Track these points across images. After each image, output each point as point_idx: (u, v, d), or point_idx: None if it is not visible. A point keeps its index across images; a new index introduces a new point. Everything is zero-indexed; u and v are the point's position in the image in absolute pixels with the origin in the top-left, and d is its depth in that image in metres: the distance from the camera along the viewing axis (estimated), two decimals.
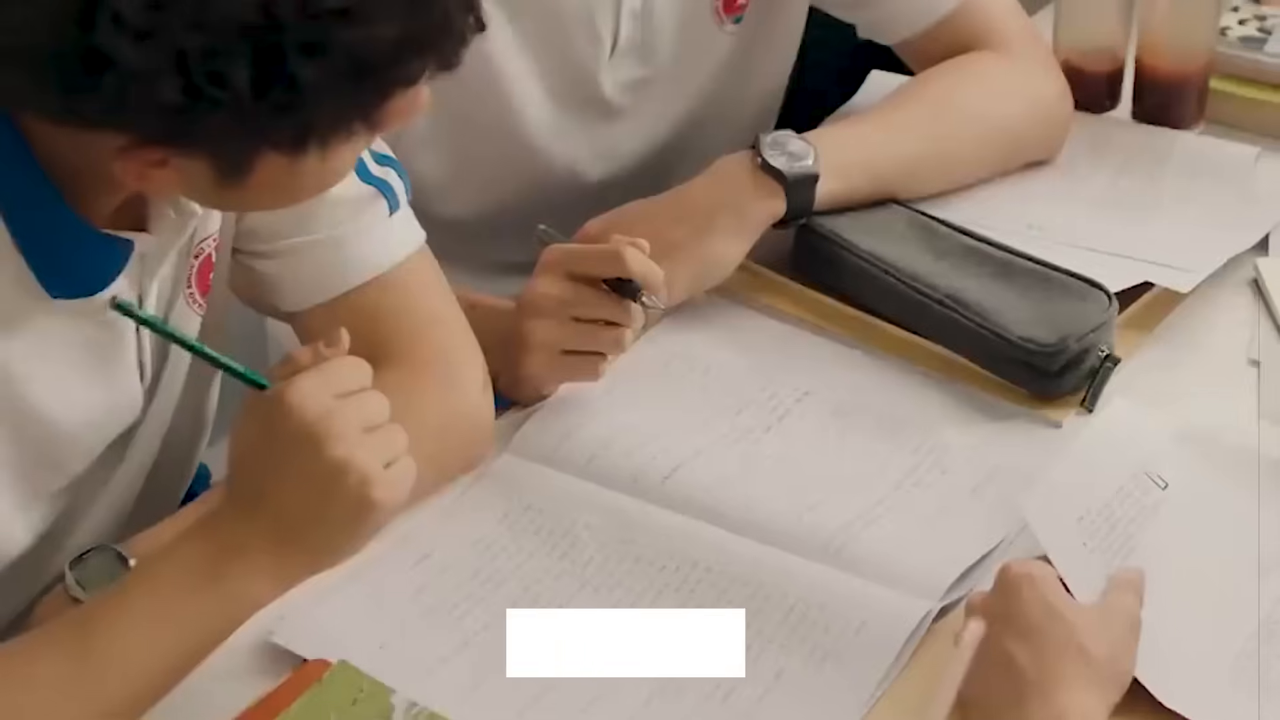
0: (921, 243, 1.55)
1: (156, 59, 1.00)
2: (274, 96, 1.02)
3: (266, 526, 1.18)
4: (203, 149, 1.08)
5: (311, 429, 1.15)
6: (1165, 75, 1.80)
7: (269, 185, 1.11)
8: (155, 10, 0.98)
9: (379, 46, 1.03)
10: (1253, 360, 1.50)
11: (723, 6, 1.68)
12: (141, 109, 1.02)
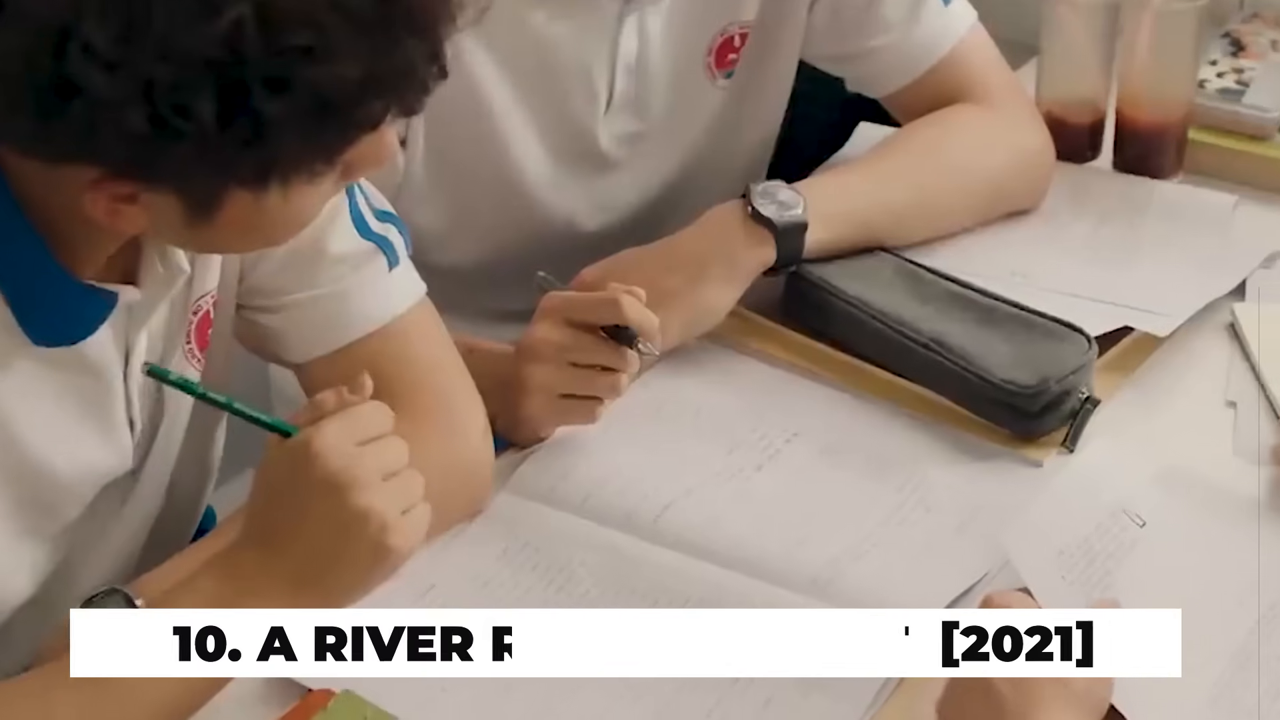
0: (907, 289, 1.59)
1: (124, 88, 1.02)
2: (238, 130, 1.04)
3: (286, 568, 1.22)
4: (170, 183, 1.10)
5: (336, 477, 1.20)
6: (1145, 126, 1.83)
7: (237, 224, 1.14)
8: (124, 42, 1.01)
9: (342, 86, 1.06)
10: (1229, 402, 1.54)
11: (714, 62, 1.72)
12: (109, 138, 1.04)
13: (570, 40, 1.62)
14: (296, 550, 1.23)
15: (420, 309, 1.43)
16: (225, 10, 1.00)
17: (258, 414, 1.26)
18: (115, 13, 1.01)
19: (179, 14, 1.01)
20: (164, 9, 1.00)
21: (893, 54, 1.73)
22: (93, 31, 1.00)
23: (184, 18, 1.01)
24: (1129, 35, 1.79)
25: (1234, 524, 1.38)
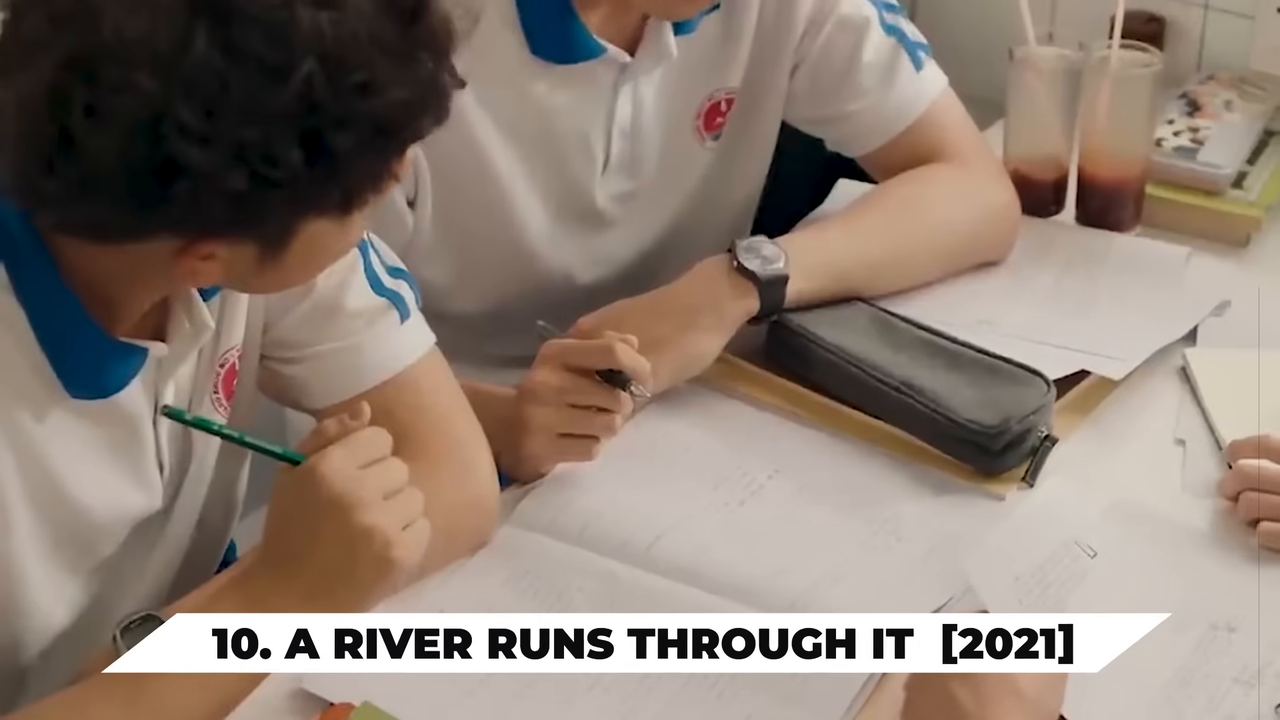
0: (881, 336, 1.67)
1: (221, 156, 1.12)
2: (320, 168, 1.15)
3: (299, 585, 1.32)
4: (253, 231, 1.20)
5: (341, 498, 1.30)
6: (1105, 183, 1.91)
7: (301, 256, 1.24)
8: (212, 116, 1.11)
9: (393, 110, 1.18)
10: (1179, 440, 1.62)
11: (703, 125, 1.80)
12: (210, 203, 1.14)
13: (570, 108, 1.70)
14: (308, 568, 1.33)
15: (430, 358, 1.51)
16: (293, 69, 1.12)
17: (268, 445, 1.36)
18: (199, 92, 1.10)
19: (254, 80, 1.11)
20: (239, 79, 1.11)
21: (869, 117, 1.81)
22: (183, 113, 1.10)
23: (259, 82, 1.11)
24: (1089, 98, 1.88)
25: (1180, 554, 1.48)
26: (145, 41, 1.11)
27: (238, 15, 1.11)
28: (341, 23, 1.13)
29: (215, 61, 1.11)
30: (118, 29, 1.11)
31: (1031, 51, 1.89)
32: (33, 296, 1.25)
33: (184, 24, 1.11)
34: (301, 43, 1.11)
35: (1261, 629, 1.38)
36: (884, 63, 1.79)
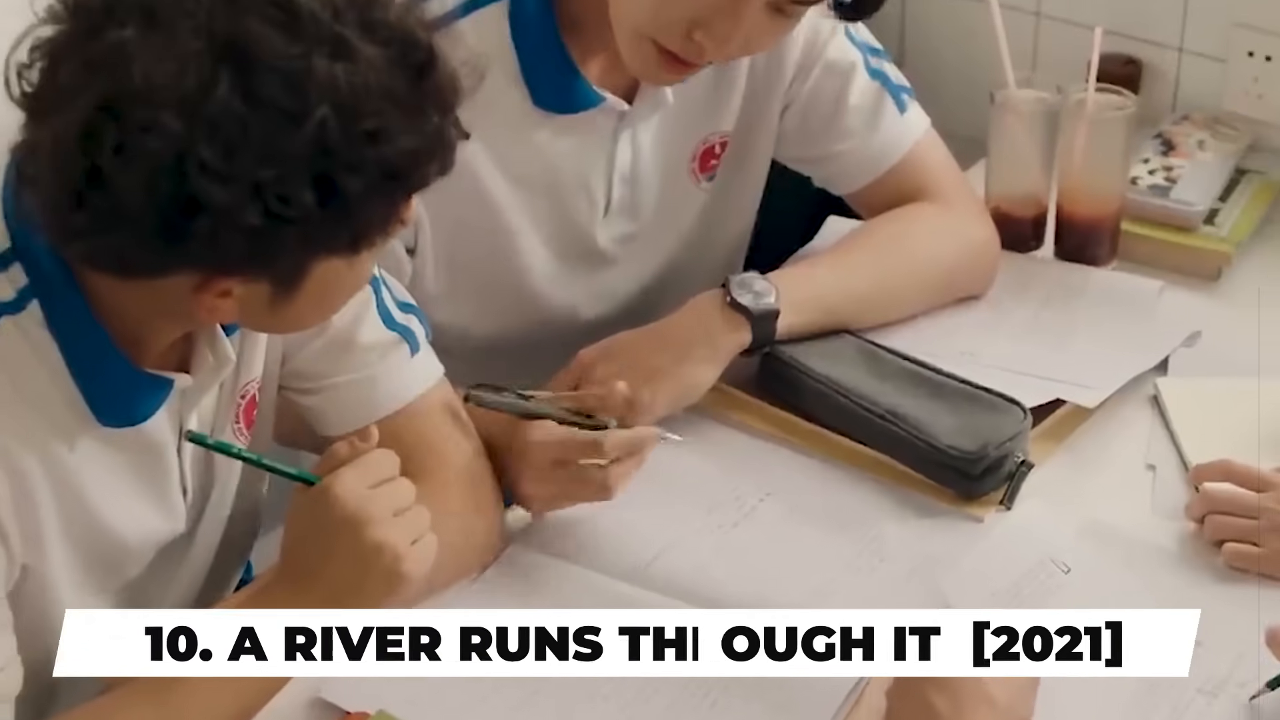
0: (867, 367, 1.74)
1: (239, 194, 1.19)
2: (331, 208, 1.22)
3: (314, 597, 1.40)
4: (267, 269, 1.26)
5: (353, 516, 1.38)
6: (1082, 220, 1.97)
7: (313, 296, 1.31)
8: (232, 155, 1.18)
9: (401, 158, 1.24)
10: (1149, 465, 1.70)
11: (698, 168, 1.86)
12: (228, 239, 1.20)
13: (571, 155, 1.76)
14: (323, 581, 1.40)
15: (438, 388, 1.59)
16: (308, 114, 1.18)
17: (284, 467, 1.43)
18: (220, 134, 1.17)
19: (271, 124, 1.18)
20: (258, 122, 1.18)
21: (855, 157, 1.87)
22: (205, 153, 1.17)
23: (276, 126, 1.18)
24: (1067, 139, 1.94)
25: (1149, 572, 1.55)
26: (172, 85, 1.17)
27: (259, 64, 1.18)
28: (355, 74, 1.20)
29: (236, 106, 1.17)
30: (147, 74, 1.17)
31: (1012, 94, 1.95)
32: (65, 331, 1.32)
33: (209, 70, 1.18)
34: (317, 91, 1.18)
35: (1225, 643, 1.46)
36: (869, 105, 1.85)
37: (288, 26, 1.19)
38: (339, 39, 1.20)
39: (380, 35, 1.22)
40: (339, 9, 1.21)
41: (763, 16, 1.61)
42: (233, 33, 1.18)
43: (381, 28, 1.23)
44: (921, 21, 2.45)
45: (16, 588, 1.35)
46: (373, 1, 1.24)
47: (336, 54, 1.20)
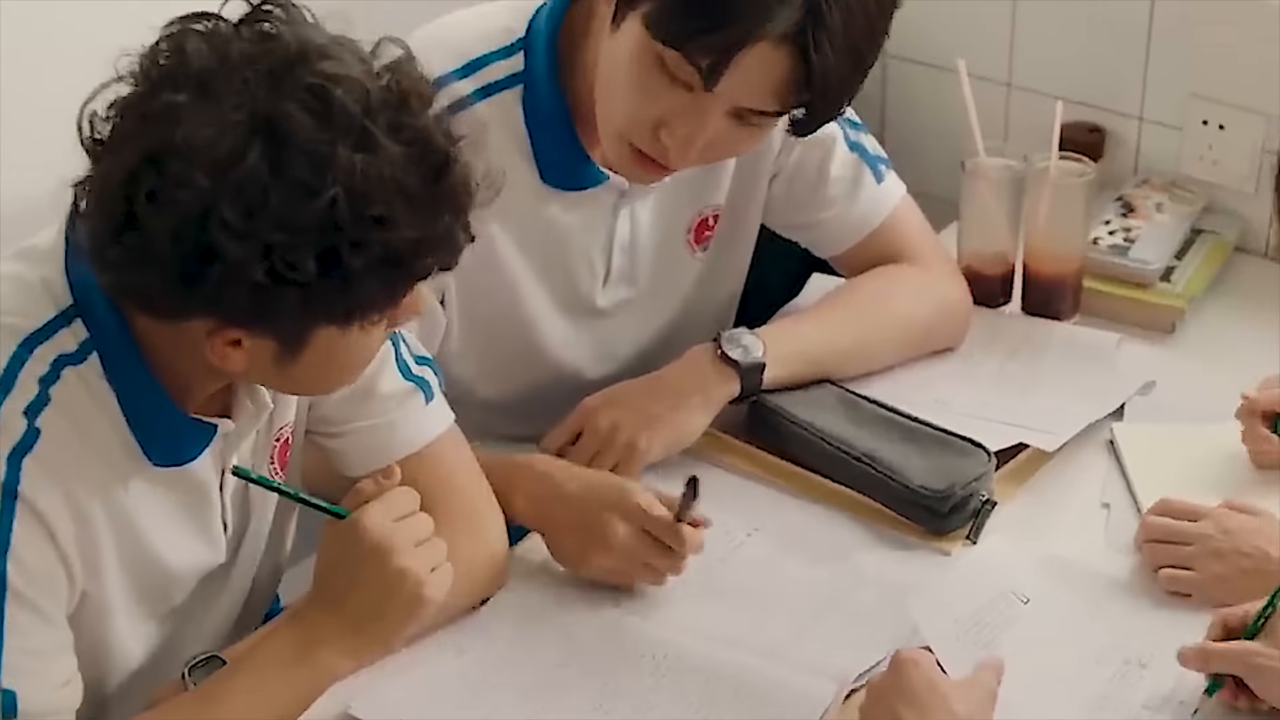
0: (846, 414, 1.86)
1: (251, 251, 1.31)
2: (331, 279, 1.33)
3: (344, 618, 1.54)
4: (270, 327, 1.37)
5: (380, 546, 1.53)
6: (1046, 277, 2.09)
7: (317, 364, 1.42)
8: (251, 217, 1.30)
9: (404, 246, 1.36)
10: (1104, 504, 1.82)
11: (693, 239, 1.96)
12: (236, 290, 1.32)
13: (576, 228, 1.86)
14: (352, 604, 1.55)
15: (450, 434, 1.71)
16: (323, 192, 1.31)
17: (319, 501, 1.57)
18: (243, 196, 1.30)
19: (290, 195, 1.30)
20: (278, 192, 1.30)
21: (837, 224, 1.98)
22: (227, 211, 1.30)
23: (293, 197, 1.30)
24: (1032, 204, 2.06)
25: (1101, 601, 1.69)
26: (208, 148, 1.30)
27: (288, 141, 1.31)
28: (372, 165, 1.32)
29: (261, 174, 1.30)
30: (188, 135, 1.30)
31: (981, 162, 2.08)
32: (121, 381, 1.45)
33: (243, 139, 1.31)
34: (335, 173, 1.31)
35: (1169, 664, 1.58)
36: (849, 176, 1.96)
37: (321, 115, 1.32)
38: (365, 132, 1.33)
39: (404, 136, 1.35)
40: (372, 108, 1.34)
41: (726, 123, 1.68)
42: (271, 112, 1.31)
43: (407, 130, 1.35)
44: (901, 92, 2.55)
45: (76, 612, 1.48)
46: (405, 107, 1.36)
47: (360, 145, 1.32)
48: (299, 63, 1.34)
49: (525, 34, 1.80)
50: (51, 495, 1.43)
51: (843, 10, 1.62)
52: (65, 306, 1.45)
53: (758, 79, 1.63)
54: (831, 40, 1.62)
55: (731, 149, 1.78)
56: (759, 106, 1.67)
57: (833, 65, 1.63)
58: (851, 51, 1.65)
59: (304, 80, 1.33)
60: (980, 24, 2.45)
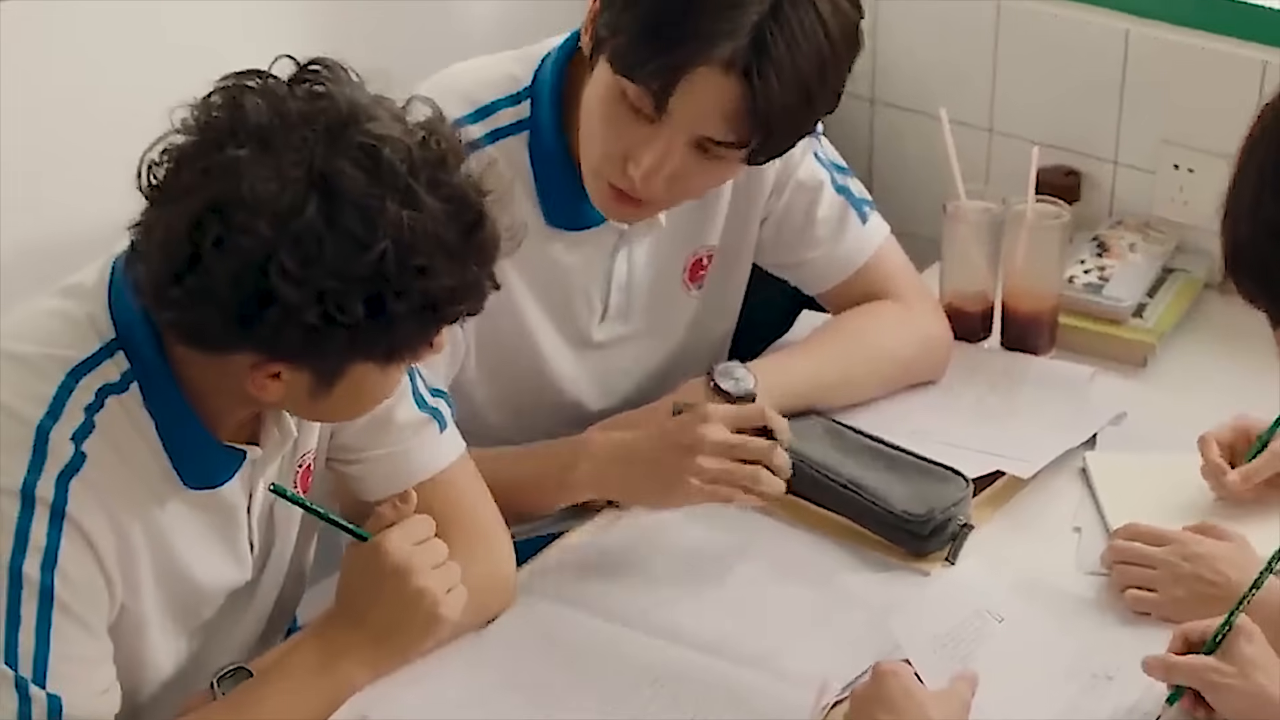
0: (832, 443, 1.95)
1: (306, 296, 1.40)
2: (376, 322, 1.44)
3: (365, 633, 1.65)
4: (313, 363, 1.47)
5: (400, 567, 1.63)
6: (1024, 314, 2.18)
7: (347, 396, 1.52)
8: (308, 265, 1.40)
9: (441, 293, 1.46)
10: (1075, 528, 1.92)
11: (688, 278, 2.05)
12: (289, 330, 1.41)
13: (577, 266, 1.95)
14: (372, 620, 1.65)
15: (461, 461, 1.80)
16: (375, 245, 1.41)
17: (344, 522, 1.68)
18: (301, 246, 1.39)
19: (343, 245, 1.40)
20: (333, 242, 1.40)
21: (823, 264, 2.07)
22: (287, 259, 1.40)
23: (347, 249, 1.41)
24: (1009, 245, 2.15)
25: (1071, 619, 1.79)
26: (270, 201, 1.40)
27: (343, 197, 1.41)
28: (417, 220, 1.42)
29: (319, 226, 1.40)
30: (253, 188, 1.40)
31: (962, 205, 2.17)
32: (160, 410, 1.55)
33: (302, 194, 1.40)
34: (385, 228, 1.41)
35: (1134, 677, 1.68)
36: (835, 218, 2.06)
37: (372, 172, 1.42)
38: (410, 190, 1.43)
39: (443, 193, 1.45)
40: (415, 166, 1.44)
41: (690, 155, 1.77)
42: (327, 169, 1.41)
43: (445, 186, 1.45)
44: (888, 136, 2.65)
45: (115, 624, 1.58)
46: (443, 164, 1.46)
47: (405, 201, 1.43)
48: (350, 123, 1.44)
49: (531, 83, 1.90)
50: (95, 515, 1.53)
51: (788, 42, 1.70)
52: (109, 340, 1.55)
53: (707, 105, 1.73)
54: (777, 71, 1.70)
55: (701, 182, 1.86)
56: (713, 135, 1.75)
57: (777, 94, 1.71)
58: (799, 84, 1.72)
59: (355, 140, 1.43)
60: (963, 72, 2.55)
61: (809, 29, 1.72)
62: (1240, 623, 1.64)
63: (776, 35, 1.70)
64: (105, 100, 2.12)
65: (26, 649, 1.51)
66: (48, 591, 1.51)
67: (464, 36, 2.51)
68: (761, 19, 1.70)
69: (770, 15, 1.70)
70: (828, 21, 1.73)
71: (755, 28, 1.70)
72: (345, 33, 2.35)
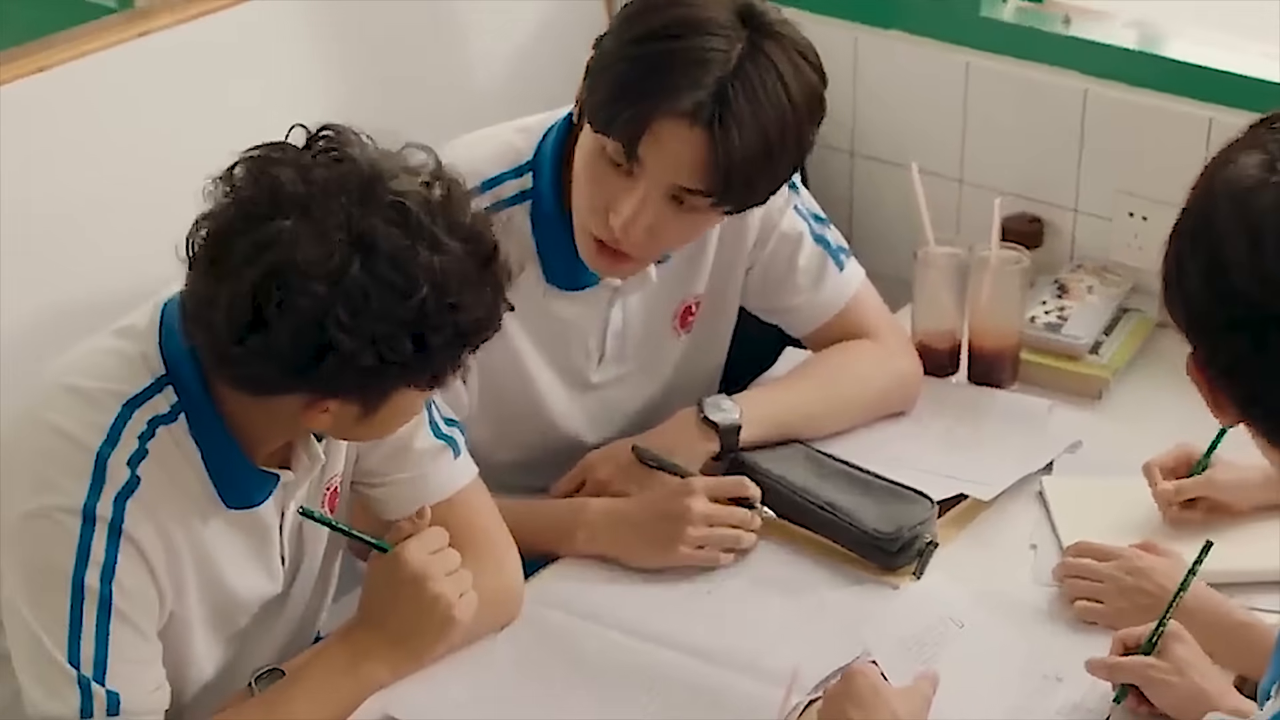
0: (811, 469, 2.10)
1: (360, 343, 1.55)
2: (422, 355, 1.60)
3: (385, 635, 1.80)
4: (361, 396, 1.62)
5: (418, 574, 1.78)
6: (988, 351, 2.31)
7: (387, 419, 1.68)
8: (358, 315, 1.55)
9: (470, 324, 1.62)
10: (1032, 545, 2.07)
11: (678, 324, 2.18)
12: (346, 374, 1.57)
13: (575, 319, 2.10)
14: (392, 623, 1.80)
15: (474, 484, 1.96)
16: (415, 292, 1.56)
17: (368, 536, 1.83)
18: (351, 300, 1.53)
19: (389, 296, 1.55)
20: (379, 293, 1.55)
21: (805, 309, 2.21)
22: (340, 313, 1.54)
23: (392, 299, 1.56)
24: (974, 288, 2.29)
25: (1025, 626, 1.95)
26: (321, 263, 1.54)
27: (380, 252, 1.56)
28: (446, 263, 1.58)
29: (364, 281, 1.55)
30: (305, 254, 1.54)
31: (931, 251, 2.32)
32: (204, 438, 1.71)
33: (347, 255, 1.55)
34: (421, 274, 1.57)
35: (1081, 678, 1.85)
36: (815, 267, 2.19)
37: (402, 225, 1.58)
38: (434, 236, 1.59)
39: (460, 233, 1.61)
40: (432, 211, 1.60)
41: (665, 205, 1.90)
42: (364, 229, 1.57)
43: (459, 228, 1.62)
44: (866, 187, 2.79)
45: (164, 630, 1.74)
46: (454, 206, 1.63)
47: (433, 247, 1.58)
48: (376, 183, 1.60)
49: (534, 155, 2.05)
50: (148, 531, 1.69)
51: (749, 98, 1.85)
52: (159, 375, 1.71)
53: (674, 154, 1.87)
54: (738, 123, 1.85)
55: (678, 233, 1.99)
56: (684, 183, 1.88)
57: (737, 145, 1.85)
58: (760, 137, 1.86)
59: (384, 199, 1.59)
60: (935, 128, 2.68)
61: (770, 88, 1.87)
62: (1172, 627, 1.81)
63: (738, 91, 1.85)
64: (144, 162, 2.29)
65: (88, 651, 1.67)
66: (106, 600, 1.67)
67: (472, 101, 2.68)
68: (724, 76, 1.86)
69: (733, 74, 1.86)
70: (789, 84, 1.88)
71: (718, 83, 1.85)
72: (357, 102, 2.50)
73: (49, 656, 1.67)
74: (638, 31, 1.90)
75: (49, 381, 1.75)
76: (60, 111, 2.23)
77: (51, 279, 2.22)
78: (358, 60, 2.57)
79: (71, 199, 2.24)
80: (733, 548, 2.01)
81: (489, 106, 2.43)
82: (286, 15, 2.47)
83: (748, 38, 1.88)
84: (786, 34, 1.91)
